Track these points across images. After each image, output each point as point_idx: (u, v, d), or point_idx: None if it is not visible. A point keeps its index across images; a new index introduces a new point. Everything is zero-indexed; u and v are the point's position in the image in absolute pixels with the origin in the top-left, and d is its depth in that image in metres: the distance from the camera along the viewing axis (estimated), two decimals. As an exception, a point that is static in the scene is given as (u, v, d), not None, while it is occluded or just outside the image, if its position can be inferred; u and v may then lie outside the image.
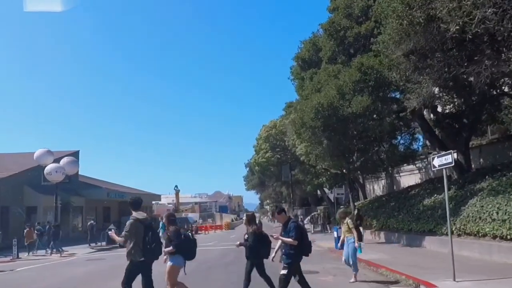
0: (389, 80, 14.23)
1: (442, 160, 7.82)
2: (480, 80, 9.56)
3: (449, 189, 15.75)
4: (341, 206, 31.55)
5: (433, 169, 8.85)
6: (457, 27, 8.52)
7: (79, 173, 34.31)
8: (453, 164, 7.61)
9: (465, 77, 12.82)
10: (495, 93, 15.56)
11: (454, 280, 7.57)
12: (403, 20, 10.36)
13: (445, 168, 7.98)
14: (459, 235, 12.10)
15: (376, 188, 34.48)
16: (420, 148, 29.19)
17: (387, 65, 13.88)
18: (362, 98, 14.83)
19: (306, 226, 31.07)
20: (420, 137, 28.71)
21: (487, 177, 14.21)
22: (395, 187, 30.00)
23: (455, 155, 10.84)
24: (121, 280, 10.37)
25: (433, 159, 8.26)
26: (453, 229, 11.85)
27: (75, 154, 32.89)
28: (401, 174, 29.54)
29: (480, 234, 11.13)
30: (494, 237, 10.51)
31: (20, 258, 18.67)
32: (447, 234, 12.94)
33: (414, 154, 27.27)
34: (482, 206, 11.58)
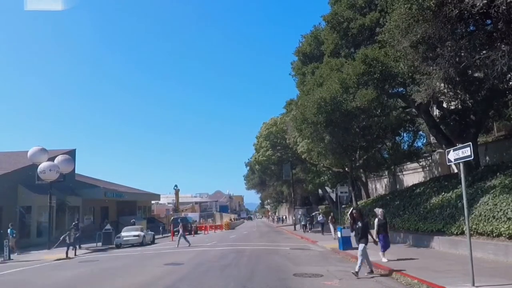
0: (395, 72, 13.57)
1: (459, 154, 7.14)
2: (496, 68, 8.88)
3: (457, 188, 15.23)
4: (343, 206, 30.96)
5: (448, 163, 8.17)
6: (485, 1, 7.75)
7: (76, 172, 33.68)
8: (472, 158, 6.93)
9: (474, 69, 12.21)
10: (505, 87, 14.94)
11: (473, 285, 6.89)
12: (412, 4, 9.68)
13: (462, 163, 7.29)
14: (471, 235, 11.42)
15: (379, 187, 33.84)
16: (423, 146, 28.64)
17: (393, 57, 13.24)
18: (367, 92, 14.16)
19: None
20: (424, 134, 28.19)
21: (498, 174, 13.60)
22: (398, 186, 29.34)
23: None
24: (108, 285, 9.79)
25: (448, 152, 7.57)
26: (464, 228, 11.22)
27: (71, 153, 32.24)
28: (404, 172, 28.90)
29: (494, 234, 10.47)
30: (510, 237, 9.85)
31: (12, 259, 18.02)
32: (457, 234, 12.37)
33: (418, 152, 26.69)
34: (496, 205, 10.93)
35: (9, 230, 20.43)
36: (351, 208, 10.83)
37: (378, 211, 12.16)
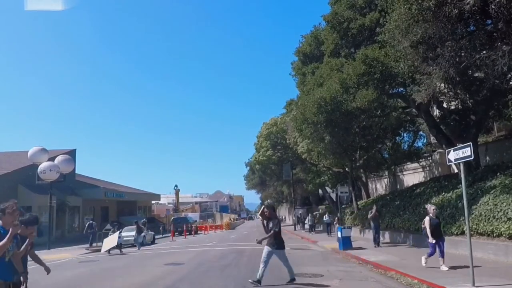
0: (395, 73, 13.58)
1: (459, 154, 7.14)
2: (497, 68, 8.88)
3: (457, 188, 15.22)
4: (343, 205, 30.95)
5: (448, 163, 8.18)
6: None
7: (76, 172, 33.69)
8: (472, 158, 6.94)
9: (474, 69, 12.21)
10: (505, 87, 14.94)
11: (474, 285, 6.90)
12: (412, 5, 9.68)
13: (462, 163, 7.30)
14: (471, 235, 11.42)
15: (379, 187, 33.85)
16: (423, 146, 28.66)
17: (393, 57, 13.24)
18: (367, 92, 14.18)
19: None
20: (424, 134, 28.21)
21: (498, 174, 13.60)
22: (398, 186, 29.34)
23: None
24: (107, 285, 9.78)
25: (448, 152, 7.58)
26: (464, 228, 11.22)
27: (72, 153, 32.25)
28: (404, 172, 28.91)
29: (494, 234, 10.48)
30: (510, 237, 9.86)
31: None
32: (457, 234, 12.37)
33: (418, 152, 26.72)
34: (496, 205, 10.94)
35: None
36: (262, 206, 9.09)
37: (430, 208, 9.92)
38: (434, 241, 9.41)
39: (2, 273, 4.08)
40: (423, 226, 9.91)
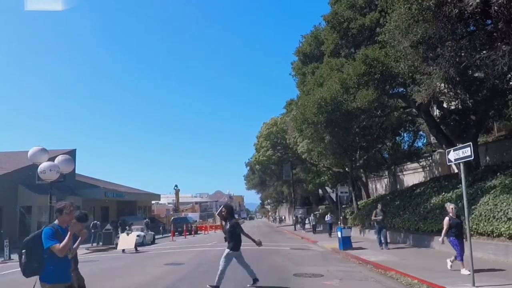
0: (395, 73, 13.57)
1: (459, 154, 7.15)
2: (497, 68, 8.88)
3: (457, 188, 15.23)
4: (343, 206, 30.94)
5: (448, 163, 8.19)
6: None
7: (76, 172, 33.67)
8: (472, 158, 6.94)
9: (475, 69, 12.21)
10: (505, 87, 14.94)
11: (474, 285, 6.90)
12: (412, 5, 9.68)
13: (462, 163, 7.30)
14: (471, 235, 11.42)
15: (379, 187, 33.85)
16: (423, 146, 28.66)
17: (393, 57, 13.25)
18: (367, 92, 14.17)
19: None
20: (424, 134, 28.21)
21: (498, 174, 13.61)
22: (398, 186, 29.34)
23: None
24: (107, 285, 9.78)
25: (448, 152, 7.58)
26: (464, 229, 11.23)
27: (72, 153, 32.21)
28: (404, 172, 28.91)
29: (494, 234, 10.48)
30: (510, 237, 9.86)
31: (12, 259, 18.02)
32: (457, 234, 12.41)
33: (418, 152, 26.71)
34: (496, 205, 10.94)
35: None
36: (221, 206, 8.99)
37: (449, 207, 9.06)
38: (443, 242, 8.92)
39: (63, 275, 4.18)
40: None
